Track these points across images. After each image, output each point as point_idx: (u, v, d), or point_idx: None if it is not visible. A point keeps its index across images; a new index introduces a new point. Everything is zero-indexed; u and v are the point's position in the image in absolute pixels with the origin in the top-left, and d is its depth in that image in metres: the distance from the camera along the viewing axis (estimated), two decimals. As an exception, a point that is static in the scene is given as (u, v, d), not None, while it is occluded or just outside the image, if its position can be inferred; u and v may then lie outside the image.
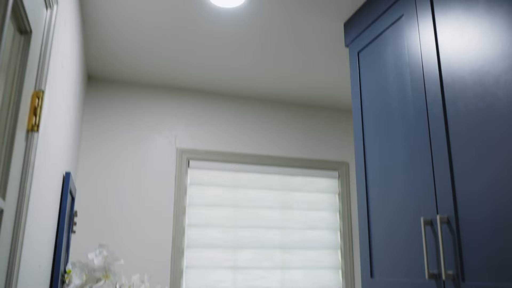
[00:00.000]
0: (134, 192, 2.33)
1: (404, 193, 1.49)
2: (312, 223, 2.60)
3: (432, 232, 1.33)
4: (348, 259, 2.59)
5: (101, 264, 1.90)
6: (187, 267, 2.32)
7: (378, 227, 1.64)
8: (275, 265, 2.47)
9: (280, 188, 2.59)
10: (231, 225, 2.44)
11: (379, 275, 1.60)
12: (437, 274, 1.28)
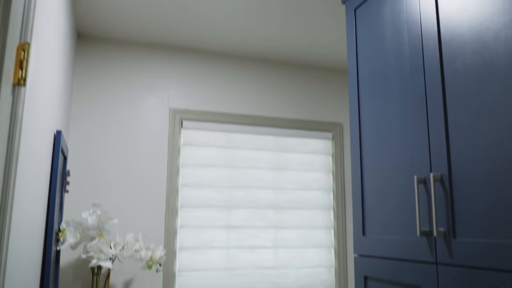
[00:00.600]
0: (127, 152, 2.31)
1: (398, 152, 1.49)
2: (306, 183, 2.61)
3: (425, 190, 1.33)
4: (341, 219, 2.63)
5: (95, 223, 1.91)
6: (181, 227, 2.34)
7: (371, 186, 1.65)
8: (268, 224, 2.49)
9: (274, 149, 2.58)
10: (224, 185, 2.45)
11: (371, 233, 1.62)
12: (429, 231, 1.30)
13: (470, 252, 1.14)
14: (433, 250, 1.27)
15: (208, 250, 2.37)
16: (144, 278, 2.23)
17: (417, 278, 1.34)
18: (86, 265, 2.16)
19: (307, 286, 2.51)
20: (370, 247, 1.60)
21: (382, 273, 1.52)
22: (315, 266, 2.55)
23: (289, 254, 2.51)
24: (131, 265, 2.22)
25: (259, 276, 2.43)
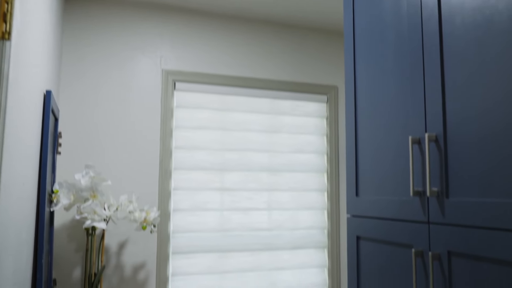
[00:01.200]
0: (119, 114, 2.29)
1: (394, 113, 1.47)
2: (300, 146, 2.61)
3: (419, 151, 1.33)
4: (334, 182, 2.64)
5: (88, 184, 1.90)
6: (175, 189, 2.34)
7: (365, 148, 1.64)
8: (262, 187, 2.50)
9: (268, 111, 2.56)
10: (218, 148, 2.44)
11: (364, 194, 1.63)
12: (422, 192, 1.30)
13: (462, 212, 1.15)
14: (426, 209, 1.28)
15: (202, 212, 2.38)
16: (138, 239, 2.25)
17: (409, 237, 1.36)
18: (81, 226, 2.17)
19: (300, 247, 2.55)
20: (363, 207, 1.61)
21: (374, 233, 1.54)
22: (308, 227, 2.58)
23: (283, 216, 2.54)
24: (125, 227, 2.24)
25: (252, 237, 2.46)
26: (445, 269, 1.21)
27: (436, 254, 1.23)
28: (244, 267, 2.43)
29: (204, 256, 2.36)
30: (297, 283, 2.53)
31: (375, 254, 1.54)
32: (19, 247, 1.28)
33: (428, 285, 1.27)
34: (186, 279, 2.32)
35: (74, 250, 2.15)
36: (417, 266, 1.31)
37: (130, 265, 2.22)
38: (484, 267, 1.09)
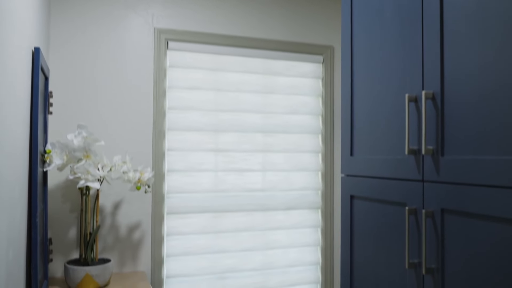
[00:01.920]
0: (111, 74, 2.24)
1: (390, 71, 1.45)
2: (294, 107, 2.59)
3: (415, 109, 1.31)
4: (329, 143, 2.64)
5: (80, 144, 1.88)
6: (169, 149, 2.33)
7: (361, 108, 1.63)
8: (256, 148, 2.50)
9: (263, 72, 2.52)
10: (212, 109, 2.41)
11: (359, 153, 1.62)
12: (417, 150, 1.29)
13: (457, 169, 1.15)
14: (420, 168, 1.28)
15: (197, 172, 2.38)
16: (133, 199, 2.25)
17: (402, 195, 1.36)
18: (75, 187, 2.17)
19: (294, 207, 2.57)
20: (357, 167, 1.61)
21: (368, 192, 1.54)
22: (302, 188, 2.60)
23: (277, 177, 2.54)
24: (120, 187, 2.24)
25: (247, 198, 2.47)
26: (438, 226, 1.22)
27: (430, 211, 1.24)
28: (239, 227, 2.45)
29: (199, 216, 2.38)
30: (290, 243, 2.56)
31: (368, 213, 1.56)
32: (12, 204, 1.27)
33: (420, 242, 1.28)
34: (181, 239, 2.35)
35: (68, 210, 2.15)
36: (410, 224, 1.32)
37: (125, 225, 2.23)
38: (476, 224, 1.10)
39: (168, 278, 2.32)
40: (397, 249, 1.40)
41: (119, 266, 2.22)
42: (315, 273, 2.63)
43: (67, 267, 1.89)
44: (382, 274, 1.48)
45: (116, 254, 2.22)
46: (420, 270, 1.28)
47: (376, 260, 1.52)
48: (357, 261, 1.64)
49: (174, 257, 2.33)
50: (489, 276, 1.06)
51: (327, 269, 2.62)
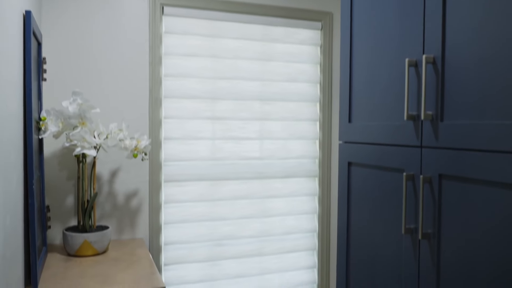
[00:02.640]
0: (106, 40, 2.20)
1: (390, 37, 1.42)
2: (292, 75, 2.56)
3: (415, 74, 1.29)
4: (327, 111, 2.62)
5: (76, 111, 1.86)
6: (166, 117, 2.31)
7: (360, 74, 1.60)
8: (254, 116, 2.48)
9: (261, 38, 2.48)
10: (209, 76, 2.38)
11: (357, 120, 1.61)
12: (416, 115, 1.28)
13: (456, 134, 1.14)
14: (419, 133, 1.27)
15: (194, 140, 2.37)
16: (130, 167, 2.25)
17: (400, 162, 1.36)
18: (71, 155, 2.16)
19: (291, 176, 2.58)
20: (355, 134, 1.60)
21: (366, 158, 1.54)
22: (300, 157, 2.60)
23: (274, 145, 2.54)
24: (117, 155, 2.23)
25: (244, 166, 2.47)
26: (435, 192, 1.22)
27: (427, 177, 1.24)
28: (236, 195, 2.46)
29: (196, 184, 2.38)
30: (288, 211, 2.58)
31: (366, 180, 1.56)
32: (8, 169, 1.26)
33: (417, 208, 1.29)
34: (178, 207, 2.35)
35: (66, 178, 2.15)
36: (408, 190, 1.32)
37: (123, 192, 2.24)
38: (474, 189, 1.09)
39: (167, 245, 2.34)
40: (393, 215, 1.41)
41: (118, 233, 2.23)
42: (312, 240, 2.65)
43: (66, 234, 1.90)
44: (378, 240, 1.49)
45: (114, 222, 2.23)
46: (416, 235, 1.29)
47: (372, 226, 1.53)
48: (353, 228, 1.65)
49: (172, 224, 2.35)
50: (486, 241, 1.06)
51: (323, 236, 2.65)
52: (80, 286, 1.54)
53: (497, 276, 1.03)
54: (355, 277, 1.65)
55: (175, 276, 2.35)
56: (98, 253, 1.94)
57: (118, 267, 1.76)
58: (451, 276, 1.18)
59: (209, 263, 2.43)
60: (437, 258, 1.22)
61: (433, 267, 1.23)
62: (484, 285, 1.07)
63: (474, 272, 1.10)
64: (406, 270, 1.34)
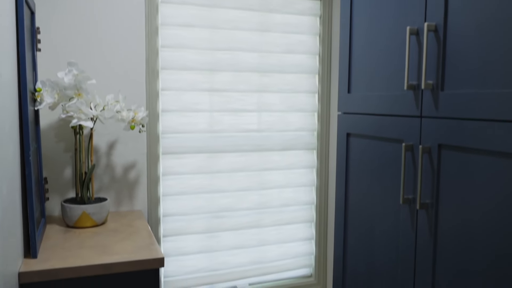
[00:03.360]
0: (101, 9, 2.15)
1: (391, 5, 1.39)
2: (291, 46, 2.52)
3: (416, 42, 1.27)
4: (325, 83, 2.59)
5: (71, 82, 1.84)
6: (163, 89, 2.29)
7: (360, 44, 1.57)
8: (252, 88, 2.45)
9: (259, 8, 2.43)
10: (207, 47, 2.34)
11: (356, 90, 1.59)
12: (416, 85, 1.26)
13: (457, 104, 1.12)
14: (419, 103, 1.26)
15: (192, 113, 2.35)
16: (127, 139, 2.24)
17: (400, 132, 1.35)
18: (68, 126, 2.14)
19: (290, 148, 2.57)
20: (355, 104, 1.58)
21: (365, 129, 1.53)
22: (298, 129, 2.58)
23: (273, 117, 2.52)
24: (114, 127, 2.21)
25: (242, 138, 2.46)
26: (434, 162, 1.21)
27: (427, 147, 1.23)
28: (234, 167, 2.46)
29: (194, 156, 2.37)
30: (286, 183, 2.58)
31: (364, 151, 1.55)
32: (3, 139, 1.25)
33: (416, 178, 1.28)
34: (177, 179, 2.35)
35: (63, 150, 2.14)
36: (407, 160, 1.32)
37: (121, 165, 2.23)
38: (474, 159, 1.09)
39: (165, 217, 2.35)
40: (392, 185, 1.41)
41: (116, 205, 2.24)
42: (310, 212, 2.67)
43: (64, 206, 1.90)
44: (376, 211, 1.50)
45: (113, 194, 2.23)
46: (415, 205, 1.29)
47: (370, 197, 1.53)
48: (351, 199, 1.65)
49: (171, 196, 2.35)
50: (485, 211, 1.06)
51: (321, 208, 2.66)
52: (80, 256, 1.55)
53: (495, 246, 1.04)
54: (353, 247, 1.66)
55: (173, 248, 2.38)
56: (97, 225, 1.94)
57: (116, 238, 1.77)
58: (448, 245, 1.19)
59: (208, 235, 2.44)
60: (434, 228, 1.22)
61: (430, 237, 1.24)
62: (482, 255, 1.08)
63: (472, 242, 1.10)
64: (403, 240, 1.35)
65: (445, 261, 1.19)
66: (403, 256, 1.35)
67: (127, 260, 1.53)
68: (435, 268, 1.23)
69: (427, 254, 1.25)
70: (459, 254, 1.14)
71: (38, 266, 1.45)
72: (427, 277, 1.25)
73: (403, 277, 1.35)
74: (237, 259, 2.52)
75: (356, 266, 1.63)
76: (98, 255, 1.56)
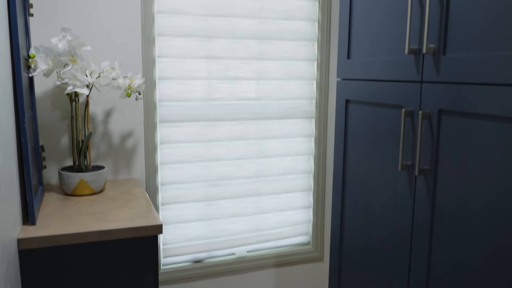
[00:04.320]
0: (94, -27, 2.09)
1: (394, -35, 1.34)
2: (290, 13, 2.47)
3: (418, 5, 1.23)
4: (325, 51, 2.56)
5: (66, 48, 1.80)
6: (159, 56, 2.25)
7: (360, 8, 1.53)
8: (250, 55, 2.42)
9: (257, -28, 2.37)
10: (204, 13, 2.29)
11: (356, 56, 1.56)
12: (417, 49, 1.24)
13: (459, 68, 1.10)
14: (420, 68, 1.23)
15: (189, 80, 2.32)
16: (124, 107, 2.21)
17: (399, 98, 1.33)
18: (64, 94, 2.12)
19: (288, 117, 2.55)
20: (354, 70, 1.56)
21: (364, 95, 1.51)
22: (296, 98, 2.56)
23: (271, 85, 2.49)
24: (110, 95, 2.18)
25: (240, 106, 2.44)
26: (434, 127, 1.20)
27: (427, 113, 1.21)
28: (232, 136, 2.45)
29: (192, 124, 2.36)
30: (284, 152, 2.58)
31: (363, 117, 1.53)
32: (-3, 108, 1.23)
33: (415, 145, 1.27)
34: (174, 147, 2.35)
35: (59, 118, 2.12)
36: (406, 126, 1.30)
37: (118, 133, 2.21)
38: (474, 124, 1.08)
39: (163, 185, 2.36)
40: (390, 152, 1.40)
41: (114, 173, 2.24)
42: (308, 181, 2.68)
43: (61, 174, 1.89)
44: (374, 178, 1.49)
45: (110, 162, 2.22)
46: (413, 171, 1.29)
47: (369, 164, 1.52)
48: (349, 167, 1.65)
49: (168, 165, 2.35)
50: (484, 177, 1.06)
51: (319, 177, 2.67)
52: (78, 223, 1.56)
53: (494, 212, 1.04)
54: (350, 215, 1.67)
55: (172, 216, 2.39)
56: (95, 193, 1.94)
57: (115, 206, 1.77)
58: (446, 212, 1.19)
59: (206, 203, 2.45)
60: (432, 194, 1.22)
61: (428, 204, 1.24)
62: (480, 222, 1.08)
63: (470, 208, 1.10)
64: (401, 207, 1.35)
65: (443, 228, 1.19)
66: (400, 223, 1.36)
67: (126, 227, 1.54)
68: (432, 234, 1.23)
69: (425, 220, 1.25)
70: (457, 220, 1.14)
71: (37, 232, 1.46)
72: (424, 243, 1.26)
73: (400, 244, 1.36)
74: (235, 227, 2.54)
75: (354, 233, 1.64)
76: (97, 222, 1.57)
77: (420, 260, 1.28)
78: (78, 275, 1.52)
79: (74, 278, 1.51)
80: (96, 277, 1.54)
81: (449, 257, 1.17)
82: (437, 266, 1.22)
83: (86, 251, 1.51)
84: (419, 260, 1.28)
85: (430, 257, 1.24)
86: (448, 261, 1.18)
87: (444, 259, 1.19)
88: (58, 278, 1.50)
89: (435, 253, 1.22)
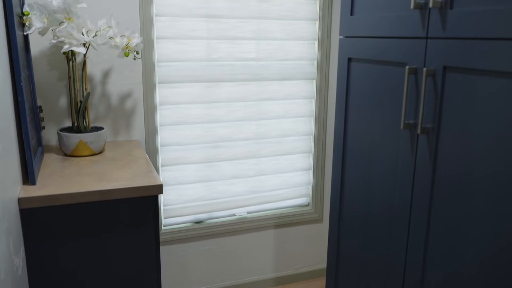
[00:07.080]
0: None
1: None
2: (291, -31, 2.39)
3: (426, -43, 1.19)
4: (327, 9, 2.49)
5: (60, 5, 1.75)
6: (157, 15, 2.19)
7: (365, -40, 1.48)
8: (250, 14, 2.36)
9: None
10: (202, -31, 2.22)
11: (359, 11, 1.52)
12: (423, 3, 1.20)
13: (467, 23, 1.07)
14: (426, 23, 1.20)
15: (188, 40, 2.27)
16: (122, 67, 2.18)
17: (403, 55, 1.30)
18: (60, 53, 2.08)
19: (289, 78, 2.52)
20: (357, 27, 1.52)
21: (367, 53, 1.48)
22: (297, 58, 2.52)
23: (271, 46, 2.45)
24: (108, 54, 2.14)
25: (240, 67, 2.40)
26: (438, 85, 1.18)
27: (431, 70, 1.19)
28: (232, 97, 2.42)
29: (191, 85, 2.33)
30: (284, 113, 2.56)
31: (366, 76, 1.51)
32: (-9, 65, 1.20)
33: (418, 103, 1.25)
34: (174, 108, 2.32)
35: (56, 79, 2.09)
36: (409, 84, 1.28)
37: (116, 94, 2.19)
38: (479, 80, 1.05)
39: (163, 147, 2.35)
40: (393, 111, 1.38)
41: (113, 135, 2.22)
42: (308, 143, 2.67)
43: (60, 134, 1.88)
44: (375, 136, 1.48)
45: (110, 123, 2.21)
46: (415, 130, 1.27)
47: (370, 123, 1.51)
48: (350, 127, 1.63)
49: (168, 126, 2.33)
50: (488, 135, 1.04)
51: (319, 139, 2.66)
52: (78, 183, 1.55)
53: (496, 173, 1.03)
54: (350, 176, 1.66)
55: (172, 177, 2.39)
56: (94, 153, 1.94)
57: (115, 166, 1.77)
58: (447, 171, 1.18)
59: (206, 165, 2.45)
60: (434, 153, 1.21)
61: (430, 163, 1.23)
62: (481, 180, 1.07)
63: (472, 168, 1.09)
64: (402, 165, 1.35)
65: (444, 187, 1.19)
66: (401, 182, 1.35)
67: (126, 186, 1.54)
68: (432, 193, 1.23)
69: (426, 179, 1.25)
70: (458, 179, 1.14)
71: (37, 192, 1.46)
72: (425, 202, 1.26)
73: (400, 203, 1.36)
74: (236, 189, 2.55)
75: (353, 194, 1.64)
76: (97, 182, 1.57)
77: (420, 220, 1.28)
78: (80, 234, 1.53)
79: (75, 237, 1.53)
80: (97, 237, 1.55)
81: (449, 217, 1.17)
82: (437, 226, 1.22)
83: (87, 211, 1.52)
84: (419, 220, 1.28)
85: (429, 217, 1.25)
86: (448, 221, 1.18)
87: (444, 220, 1.19)
88: (60, 237, 1.51)
89: (435, 210, 1.23)
